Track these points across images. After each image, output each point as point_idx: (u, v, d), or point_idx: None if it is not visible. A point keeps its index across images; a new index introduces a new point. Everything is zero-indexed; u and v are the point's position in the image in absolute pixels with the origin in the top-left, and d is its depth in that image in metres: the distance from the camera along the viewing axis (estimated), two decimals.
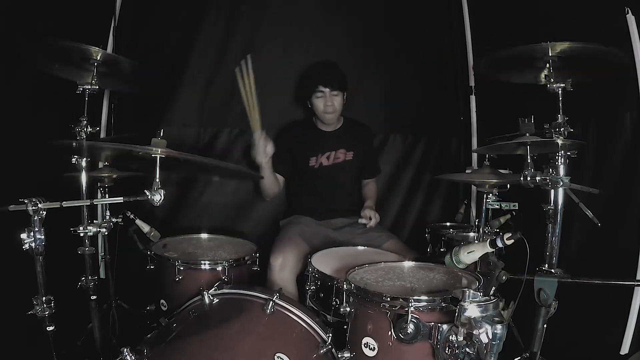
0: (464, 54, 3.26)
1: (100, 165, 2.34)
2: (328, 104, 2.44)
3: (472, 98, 3.22)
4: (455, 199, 3.24)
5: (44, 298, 1.38)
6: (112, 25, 2.72)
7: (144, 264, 2.00)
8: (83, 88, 1.86)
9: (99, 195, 2.22)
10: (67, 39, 1.69)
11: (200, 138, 2.91)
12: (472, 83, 3.21)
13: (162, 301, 1.92)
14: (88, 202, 1.58)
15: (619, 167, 2.10)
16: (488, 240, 1.38)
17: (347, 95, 2.53)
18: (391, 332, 1.31)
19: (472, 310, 1.14)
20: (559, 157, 1.62)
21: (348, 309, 1.48)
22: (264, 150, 2.24)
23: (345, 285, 1.50)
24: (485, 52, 1.78)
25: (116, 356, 1.21)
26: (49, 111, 2.28)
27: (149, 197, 1.38)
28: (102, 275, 2.36)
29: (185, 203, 2.88)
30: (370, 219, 2.40)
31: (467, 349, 1.15)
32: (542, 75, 1.83)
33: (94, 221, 1.79)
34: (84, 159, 1.79)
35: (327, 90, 2.43)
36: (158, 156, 1.40)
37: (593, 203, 1.70)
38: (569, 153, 1.65)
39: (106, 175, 2.17)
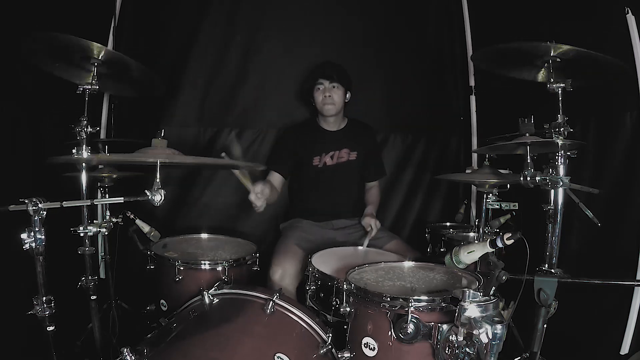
0: (464, 54, 3.26)
1: (101, 165, 2.34)
2: (326, 95, 2.46)
3: (472, 98, 3.23)
4: (455, 199, 3.24)
5: (44, 298, 1.38)
6: (112, 25, 2.73)
7: (144, 264, 2.01)
8: (83, 88, 1.86)
9: (99, 195, 2.22)
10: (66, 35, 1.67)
11: (200, 138, 2.91)
12: (472, 83, 3.21)
13: (162, 301, 1.92)
14: (88, 202, 1.57)
15: (619, 167, 2.09)
16: (488, 240, 1.37)
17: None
18: (391, 332, 1.31)
19: (472, 310, 1.14)
20: (559, 157, 1.62)
21: (348, 309, 1.48)
22: (258, 207, 2.12)
23: (345, 285, 1.50)
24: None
25: (116, 356, 1.21)
26: (49, 111, 2.28)
27: (149, 197, 1.38)
28: (102, 275, 2.36)
29: (185, 203, 2.88)
30: (370, 228, 2.31)
31: (467, 349, 1.15)
32: (541, 74, 1.83)
33: (94, 221, 1.79)
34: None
35: (326, 82, 2.47)
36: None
37: (593, 203, 1.70)
38: (569, 153, 1.64)
39: (106, 175, 2.17)
